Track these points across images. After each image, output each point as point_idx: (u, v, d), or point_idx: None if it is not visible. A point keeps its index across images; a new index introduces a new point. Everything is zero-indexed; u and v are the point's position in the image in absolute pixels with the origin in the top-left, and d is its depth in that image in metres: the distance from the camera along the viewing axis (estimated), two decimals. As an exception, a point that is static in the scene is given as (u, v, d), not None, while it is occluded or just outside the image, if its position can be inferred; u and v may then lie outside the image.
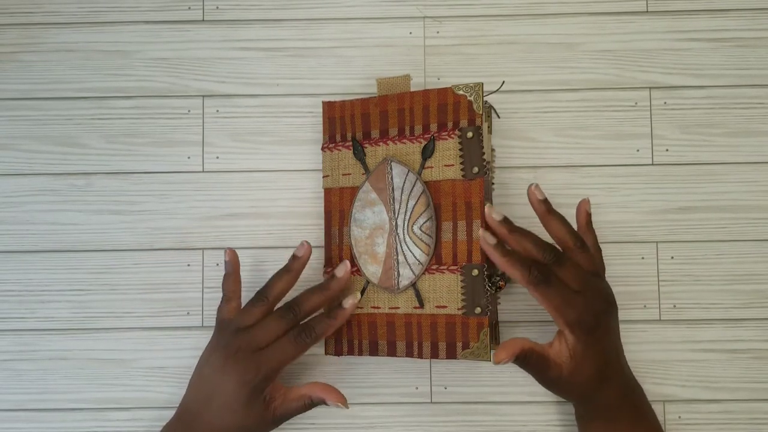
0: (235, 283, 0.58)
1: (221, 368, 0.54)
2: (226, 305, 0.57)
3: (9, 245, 0.63)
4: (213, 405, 0.54)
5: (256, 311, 0.56)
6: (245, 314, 0.56)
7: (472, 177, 0.55)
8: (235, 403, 0.54)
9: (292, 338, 0.55)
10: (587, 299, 0.53)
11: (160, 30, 0.65)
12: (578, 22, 0.64)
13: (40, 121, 0.64)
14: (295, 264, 0.57)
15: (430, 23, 0.64)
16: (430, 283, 0.56)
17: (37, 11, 0.65)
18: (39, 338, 0.63)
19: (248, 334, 0.55)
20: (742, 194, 0.62)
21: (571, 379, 0.53)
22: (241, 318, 0.56)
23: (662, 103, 0.63)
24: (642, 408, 0.56)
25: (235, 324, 0.56)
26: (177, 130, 0.64)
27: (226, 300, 0.57)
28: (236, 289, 0.58)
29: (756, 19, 0.64)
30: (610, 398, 0.54)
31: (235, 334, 0.55)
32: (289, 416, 0.56)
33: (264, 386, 0.54)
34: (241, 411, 0.54)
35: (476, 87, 0.55)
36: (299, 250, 0.58)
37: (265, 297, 0.56)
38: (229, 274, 0.58)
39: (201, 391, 0.55)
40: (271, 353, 0.54)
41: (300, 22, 0.65)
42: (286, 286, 0.57)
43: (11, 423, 0.62)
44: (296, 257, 0.58)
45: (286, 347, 0.54)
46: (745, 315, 0.62)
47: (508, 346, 0.52)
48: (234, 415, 0.54)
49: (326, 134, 0.61)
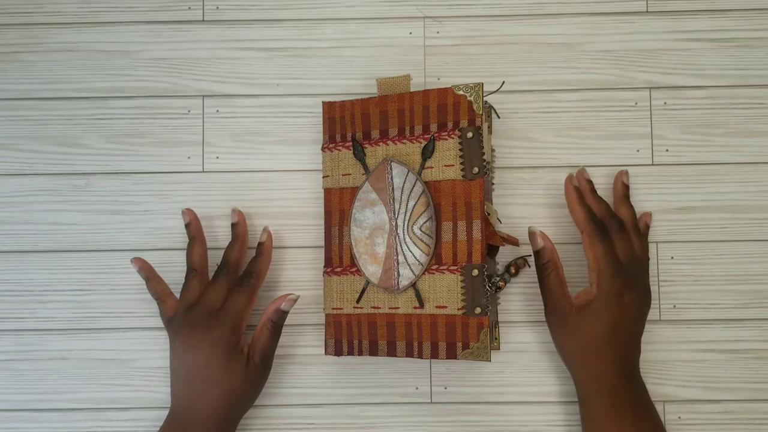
0: (158, 283, 0.60)
1: (188, 346, 0.55)
2: (163, 306, 0.59)
3: (9, 245, 0.63)
4: (196, 388, 0.55)
5: (193, 284, 0.58)
6: (185, 293, 0.58)
7: (472, 177, 0.55)
8: (215, 370, 0.55)
9: (238, 286, 0.57)
10: (628, 273, 0.56)
11: (160, 30, 0.65)
12: (578, 22, 0.64)
13: (40, 121, 0.64)
14: (238, 230, 0.61)
15: (430, 23, 0.64)
16: (430, 284, 0.56)
17: (38, 11, 0.65)
18: (39, 338, 0.63)
19: (199, 305, 0.57)
20: (742, 194, 0.62)
21: (576, 327, 0.55)
22: (184, 299, 0.58)
23: (662, 103, 0.63)
24: (646, 405, 0.56)
25: (182, 308, 0.57)
26: (177, 130, 0.64)
27: (161, 302, 0.59)
28: (163, 288, 0.60)
29: (756, 19, 0.64)
30: (613, 379, 0.54)
31: (186, 313, 0.57)
32: (267, 353, 0.57)
33: (235, 340, 0.56)
34: (224, 375, 0.55)
35: (476, 87, 0.55)
36: (233, 217, 0.61)
37: (223, 268, 0.59)
38: (148, 279, 0.60)
39: (180, 384, 0.56)
40: (228, 306, 0.57)
41: (300, 22, 0.65)
42: (239, 251, 0.60)
43: (11, 423, 0.62)
44: (234, 224, 0.61)
45: (238, 296, 0.57)
46: (745, 315, 0.62)
47: (546, 238, 0.57)
48: (218, 384, 0.55)
49: (326, 134, 0.61)
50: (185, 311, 0.57)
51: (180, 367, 0.56)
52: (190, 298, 0.57)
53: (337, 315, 0.59)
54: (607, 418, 0.54)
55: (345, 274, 0.59)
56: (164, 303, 0.59)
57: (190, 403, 0.55)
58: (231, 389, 0.55)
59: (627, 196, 0.60)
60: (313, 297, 0.63)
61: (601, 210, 0.58)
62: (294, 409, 0.62)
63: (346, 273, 0.59)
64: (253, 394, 0.57)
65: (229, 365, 0.55)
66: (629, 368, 0.55)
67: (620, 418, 0.54)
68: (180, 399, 0.56)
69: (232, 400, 0.55)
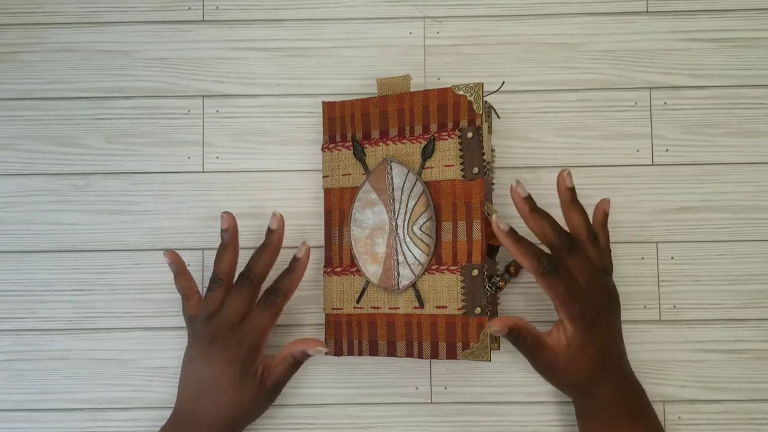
0: (187, 280, 0.58)
1: (204, 357, 0.55)
2: (187, 303, 0.58)
3: (9, 245, 0.63)
4: (205, 395, 0.55)
5: (216, 295, 0.56)
6: (207, 302, 0.56)
7: (472, 177, 0.55)
8: (227, 384, 0.54)
9: (262, 304, 0.56)
10: (592, 293, 0.53)
11: (160, 30, 0.65)
12: (578, 22, 0.64)
13: (40, 121, 0.64)
14: (273, 237, 0.57)
15: (430, 23, 0.64)
16: (430, 284, 0.56)
17: (38, 11, 0.65)
18: (39, 338, 0.63)
19: (219, 316, 0.55)
20: (742, 194, 0.62)
21: (566, 369, 0.53)
22: (206, 307, 0.56)
23: (662, 103, 0.63)
24: (643, 407, 0.56)
25: (202, 315, 0.56)
26: (177, 130, 0.64)
27: (186, 299, 0.58)
28: (191, 285, 0.58)
29: (756, 19, 0.64)
30: (610, 395, 0.54)
31: (207, 323, 0.55)
32: (280, 383, 0.56)
33: (252, 359, 0.55)
34: (234, 390, 0.54)
35: (476, 87, 0.55)
36: (273, 222, 0.57)
37: (248, 277, 0.56)
38: (177, 273, 0.58)
39: (190, 388, 0.56)
40: (249, 324, 0.55)
41: (300, 22, 0.65)
42: (269, 261, 0.57)
43: (11, 423, 0.62)
44: (271, 230, 0.57)
45: (260, 314, 0.55)
46: (745, 315, 0.62)
47: (504, 319, 0.52)
48: (227, 396, 0.54)
49: (326, 134, 0.61)
50: (206, 319, 0.56)
51: (192, 371, 0.56)
52: (212, 307, 0.56)
53: (337, 315, 0.59)
54: (605, 417, 0.54)
55: (345, 274, 0.59)
56: (189, 300, 0.58)
57: (196, 409, 0.55)
58: (238, 405, 0.55)
59: (605, 223, 0.57)
60: (313, 297, 0.63)
61: (545, 230, 0.54)
62: (294, 409, 0.62)
63: (346, 273, 0.59)
64: (256, 414, 0.57)
65: (242, 384, 0.55)
66: (621, 376, 0.55)
67: (618, 418, 0.54)
68: (187, 402, 0.56)
69: (236, 415, 0.55)
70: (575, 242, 0.54)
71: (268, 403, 0.57)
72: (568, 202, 0.56)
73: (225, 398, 0.54)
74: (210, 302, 0.56)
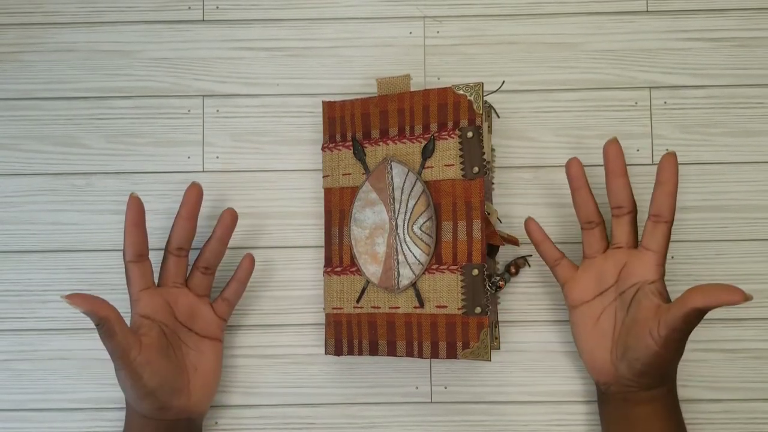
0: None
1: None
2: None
3: (9, 245, 0.63)
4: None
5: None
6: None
7: (472, 177, 0.55)
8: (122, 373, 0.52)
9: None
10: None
11: (160, 30, 0.65)
12: (578, 22, 0.64)
13: (40, 121, 0.64)
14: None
15: (430, 23, 0.65)
16: (430, 283, 0.56)
17: (37, 11, 0.65)
18: (39, 338, 0.63)
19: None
20: (742, 194, 0.62)
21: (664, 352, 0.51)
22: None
23: (662, 103, 0.63)
24: (676, 408, 0.55)
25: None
26: (177, 130, 0.64)
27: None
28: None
29: (756, 19, 0.64)
30: (666, 389, 0.54)
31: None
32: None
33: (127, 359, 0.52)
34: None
35: (476, 87, 0.55)
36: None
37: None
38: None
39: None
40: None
41: (300, 22, 0.65)
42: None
43: (11, 423, 0.62)
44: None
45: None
46: (745, 315, 0.62)
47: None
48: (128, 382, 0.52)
49: (326, 134, 0.61)
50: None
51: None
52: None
53: (337, 315, 0.59)
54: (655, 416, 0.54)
55: (345, 273, 0.59)
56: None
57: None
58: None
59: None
60: (313, 297, 0.63)
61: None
62: (294, 409, 0.62)
63: (346, 273, 0.59)
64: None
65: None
66: (670, 371, 0.55)
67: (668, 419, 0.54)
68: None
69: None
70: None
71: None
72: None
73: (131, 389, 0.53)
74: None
